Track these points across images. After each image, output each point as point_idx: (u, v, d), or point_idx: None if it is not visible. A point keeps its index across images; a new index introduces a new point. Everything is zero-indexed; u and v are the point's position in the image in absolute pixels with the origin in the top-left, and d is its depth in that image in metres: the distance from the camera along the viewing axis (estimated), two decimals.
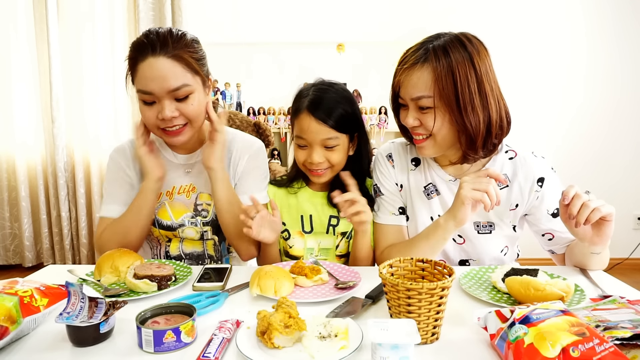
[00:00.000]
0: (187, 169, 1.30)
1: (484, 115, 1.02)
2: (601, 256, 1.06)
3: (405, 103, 1.08)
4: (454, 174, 1.17)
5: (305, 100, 1.19)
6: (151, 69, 1.10)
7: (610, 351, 0.60)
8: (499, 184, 1.10)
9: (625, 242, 3.41)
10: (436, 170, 1.19)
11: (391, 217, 1.21)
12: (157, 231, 1.29)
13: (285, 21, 3.39)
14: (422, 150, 1.10)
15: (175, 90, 1.11)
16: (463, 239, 1.18)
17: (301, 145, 1.21)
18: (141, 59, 1.11)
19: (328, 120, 1.16)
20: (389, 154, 1.25)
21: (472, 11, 3.30)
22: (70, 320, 0.73)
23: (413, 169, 1.22)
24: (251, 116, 3.35)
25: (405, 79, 1.05)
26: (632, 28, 3.27)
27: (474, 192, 0.96)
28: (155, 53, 1.10)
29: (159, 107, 1.13)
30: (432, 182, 1.19)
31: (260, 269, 0.99)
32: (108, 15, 3.15)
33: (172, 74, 1.11)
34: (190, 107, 1.15)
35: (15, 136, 3.18)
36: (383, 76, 3.45)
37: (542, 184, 1.12)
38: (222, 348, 0.72)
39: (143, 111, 1.16)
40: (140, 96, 1.15)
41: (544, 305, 0.72)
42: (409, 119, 1.07)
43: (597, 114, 3.35)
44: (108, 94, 3.22)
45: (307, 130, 1.17)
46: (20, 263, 3.34)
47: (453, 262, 1.21)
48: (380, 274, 0.79)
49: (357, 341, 0.72)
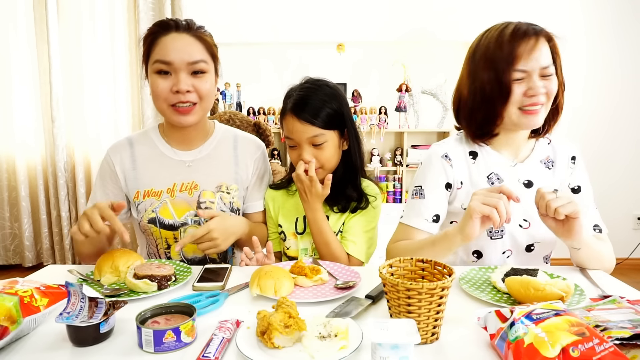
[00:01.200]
0: (189, 165, 1.29)
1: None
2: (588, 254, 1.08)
3: (521, 77, 1.10)
4: (513, 158, 1.22)
5: (290, 101, 1.21)
6: (173, 41, 1.16)
7: (610, 351, 0.60)
8: (547, 163, 1.22)
9: (625, 242, 3.41)
10: (496, 158, 1.21)
11: (422, 222, 1.17)
12: (158, 231, 1.27)
13: (286, 21, 3.39)
14: (537, 117, 1.12)
15: (194, 63, 1.16)
16: (529, 222, 1.18)
17: (291, 145, 1.24)
18: (164, 34, 1.16)
19: (312, 120, 1.17)
20: (445, 154, 1.20)
21: (472, 11, 3.31)
22: (70, 320, 0.73)
23: (472, 162, 1.21)
24: (251, 116, 3.35)
25: (535, 51, 1.10)
26: (632, 28, 3.27)
27: (483, 207, 0.94)
28: (179, 30, 1.18)
29: (174, 79, 1.16)
30: (493, 171, 1.20)
31: (260, 269, 0.99)
32: (108, 15, 3.16)
33: (193, 48, 1.17)
34: (204, 85, 1.19)
35: (15, 136, 3.18)
36: (383, 76, 3.45)
37: (574, 162, 1.24)
38: (222, 348, 0.72)
39: (156, 83, 1.16)
40: (156, 66, 1.16)
41: (544, 305, 0.72)
42: (539, 87, 1.10)
43: (596, 114, 3.36)
44: (108, 94, 3.22)
45: (292, 131, 1.20)
46: (20, 263, 3.34)
47: (520, 247, 1.19)
48: (380, 274, 0.79)
49: (357, 341, 0.72)
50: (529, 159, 1.22)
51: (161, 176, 1.27)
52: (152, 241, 1.31)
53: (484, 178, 1.19)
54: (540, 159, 1.22)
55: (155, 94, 1.18)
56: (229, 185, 1.31)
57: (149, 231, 1.28)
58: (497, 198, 0.93)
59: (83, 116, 3.22)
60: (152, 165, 1.28)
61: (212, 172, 1.30)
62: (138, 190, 1.27)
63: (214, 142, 1.33)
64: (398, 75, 3.34)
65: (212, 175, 1.30)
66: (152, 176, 1.27)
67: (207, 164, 1.31)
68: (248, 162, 1.35)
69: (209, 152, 1.32)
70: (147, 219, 1.26)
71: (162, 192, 1.27)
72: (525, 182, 1.19)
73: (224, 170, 1.32)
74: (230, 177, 1.32)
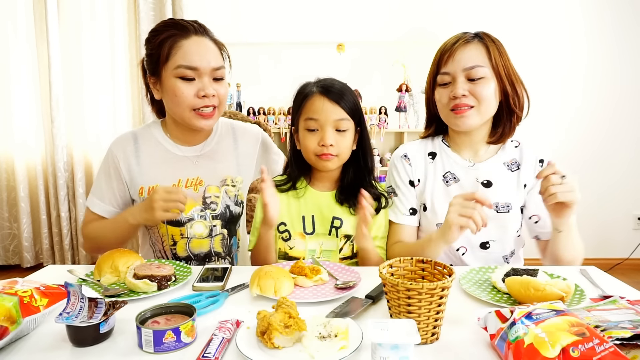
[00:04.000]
0: (193, 161, 1.30)
1: (522, 90, 1.18)
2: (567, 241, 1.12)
3: (447, 80, 1.17)
4: (471, 159, 1.25)
5: (315, 86, 1.22)
6: (198, 46, 1.16)
7: (610, 351, 0.60)
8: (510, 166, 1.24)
9: (625, 242, 3.41)
10: (454, 158, 1.26)
11: (402, 217, 1.26)
12: (164, 227, 1.27)
13: (286, 21, 3.39)
14: (465, 120, 1.16)
15: (217, 69, 1.19)
16: None
17: (312, 128, 1.20)
18: (184, 37, 1.16)
19: (340, 102, 1.18)
20: (404, 154, 1.30)
21: (471, 11, 3.31)
22: (70, 320, 0.73)
23: (431, 162, 1.29)
24: (251, 116, 3.35)
25: (458, 53, 1.15)
26: (632, 28, 3.27)
27: (459, 219, 1.00)
28: (198, 34, 1.18)
29: (198, 84, 1.17)
30: (449, 171, 1.25)
31: (260, 269, 0.99)
32: (108, 15, 3.15)
33: (215, 54, 1.20)
34: (223, 90, 1.22)
35: (14, 136, 3.18)
36: (383, 76, 3.45)
37: (542, 164, 1.24)
38: (222, 348, 0.72)
39: (180, 89, 1.16)
40: (180, 72, 1.15)
41: (544, 305, 0.72)
42: (458, 90, 1.14)
43: (596, 114, 3.36)
44: (108, 94, 3.22)
45: (320, 110, 1.18)
46: (19, 264, 3.34)
47: (474, 245, 1.23)
48: (380, 274, 0.79)
49: (357, 341, 0.72)
50: (491, 160, 1.24)
51: (166, 172, 1.27)
52: (157, 238, 1.30)
53: (440, 177, 1.26)
54: (504, 161, 1.24)
55: (179, 98, 1.17)
56: (234, 178, 1.33)
57: (155, 228, 1.28)
58: (472, 208, 1.00)
59: (83, 116, 3.22)
60: (156, 161, 1.28)
61: (216, 166, 1.31)
62: (142, 186, 1.26)
63: (215, 137, 1.35)
64: (398, 75, 3.34)
65: (216, 170, 1.31)
66: (156, 172, 1.27)
67: (210, 159, 1.32)
68: (250, 151, 1.38)
69: (212, 147, 1.33)
70: None
71: None
72: (484, 182, 1.23)
73: (227, 163, 1.33)
74: (233, 169, 1.34)
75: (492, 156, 1.25)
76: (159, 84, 1.21)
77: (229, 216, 1.32)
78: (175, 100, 1.17)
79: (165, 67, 1.17)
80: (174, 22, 1.20)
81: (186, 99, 1.16)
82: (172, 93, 1.17)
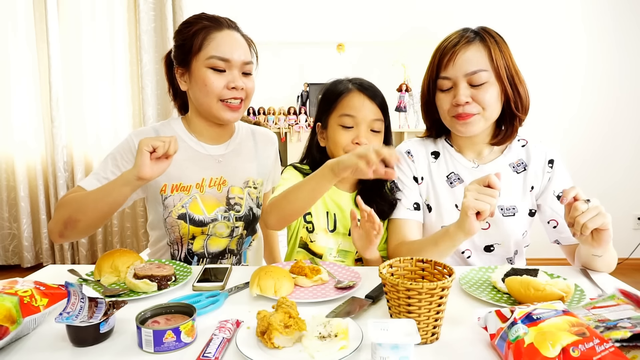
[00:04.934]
0: (217, 160, 1.28)
1: (525, 92, 1.14)
2: (606, 259, 1.06)
3: (449, 86, 1.13)
4: (475, 160, 1.22)
5: (349, 83, 1.22)
6: (231, 38, 1.19)
7: (611, 351, 0.60)
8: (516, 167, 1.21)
9: (625, 242, 3.41)
10: (458, 159, 1.23)
11: (405, 212, 1.22)
12: (186, 227, 1.23)
13: (286, 21, 3.39)
14: (470, 126, 1.12)
15: (246, 64, 1.21)
16: (488, 224, 1.19)
17: (347, 125, 1.18)
18: (218, 29, 1.19)
19: (377, 101, 1.19)
20: (407, 150, 1.27)
21: (471, 11, 3.31)
22: (70, 320, 0.73)
23: (434, 161, 1.26)
24: (251, 116, 3.35)
25: (459, 56, 1.10)
26: (632, 28, 3.27)
27: (477, 203, 0.94)
28: (230, 28, 1.22)
29: (229, 76, 1.18)
30: (453, 171, 1.22)
31: (260, 268, 0.99)
32: (108, 15, 3.16)
33: (245, 49, 1.22)
34: (251, 84, 1.24)
35: (14, 136, 3.18)
36: (383, 76, 3.45)
37: (552, 165, 1.20)
38: (222, 348, 0.72)
39: (210, 79, 1.17)
40: (212, 62, 1.16)
41: (544, 305, 0.72)
42: (461, 96, 1.09)
43: (596, 113, 3.36)
44: (108, 94, 3.22)
45: (360, 108, 1.17)
46: (19, 264, 3.34)
47: (479, 247, 1.21)
48: (380, 274, 0.79)
49: (357, 341, 0.72)
50: (495, 162, 1.21)
51: (190, 170, 1.25)
52: (176, 237, 1.26)
53: (444, 177, 1.23)
54: (510, 162, 1.21)
55: (208, 88, 1.17)
56: (255, 180, 1.33)
57: (177, 227, 1.24)
58: (490, 195, 0.94)
59: (83, 116, 3.22)
60: (180, 158, 1.22)
61: (239, 167, 1.31)
62: (165, 183, 1.23)
63: (237, 137, 1.35)
64: (398, 75, 3.34)
65: (239, 170, 1.30)
66: (180, 170, 1.23)
67: (234, 159, 1.31)
68: (269, 153, 1.40)
69: (234, 147, 1.33)
70: (176, 214, 1.23)
71: (191, 187, 1.24)
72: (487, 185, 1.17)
73: (250, 165, 1.33)
74: (255, 171, 1.34)
75: (497, 157, 1.22)
76: (187, 75, 1.21)
77: (251, 218, 1.32)
78: (205, 89, 1.18)
79: (196, 57, 1.18)
80: (207, 16, 1.22)
81: (216, 89, 1.17)
82: (202, 83, 1.17)
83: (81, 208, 1.10)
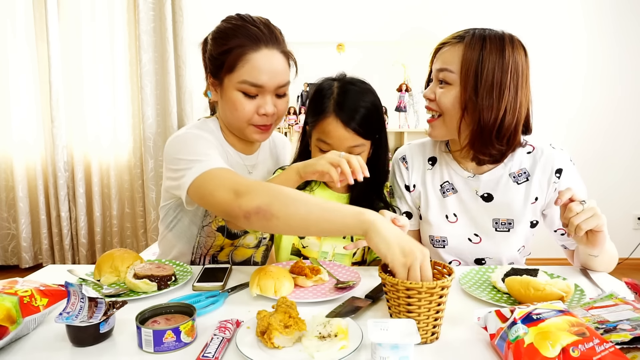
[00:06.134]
0: (249, 170, 1.25)
1: (497, 110, 1.02)
2: (603, 259, 1.06)
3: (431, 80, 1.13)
4: (472, 169, 1.17)
5: (332, 102, 1.13)
6: (265, 61, 1.07)
7: (611, 351, 0.60)
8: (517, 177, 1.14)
9: (625, 242, 3.41)
10: (454, 168, 1.19)
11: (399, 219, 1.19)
12: (222, 240, 1.21)
13: (285, 21, 3.37)
14: (432, 130, 1.13)
15: (282, 86, 1.11)
16: (480, 238, 1.17)
17: (324, 149, 1.13)
18: (254, 49, 1.06)
19: (359, 129, 1.10)
20: (403, 157, 1.26)
21: (471, 11, 3.30)
22: (70, 320, 0.73)
23: (430, 168, 1.22)
24: None
25: (440, 53, 1.10)
26: (632, 28, 3.27)
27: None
28: (268, 45, 1.08)
29: (260, 101, 1.09)
30: (448, 180, 1.19)
31: (260, 268, 0.99)
32: (108, 15, 3.15)
33: (283, 70, 1.10)
34: (283, 106, 1.14)
35: (13, 136, 3.17)
36: (383, 76, 3.44)
37: (560, 175, 1.12)
38: (222, 348, 0.72)
39: (242, 103, 1.08)
40: (244, 87, 1.07)
41: (544, 305, 0.72)
42: (427, 90, 1.10)
43: (596, 113, 3.36)
44: (108, 94, 3.22)
45: (333, 136, 1.12)
46: (17, 264, 3.33)
47: (468, 262, 1.20)
48: (380, 273, 0.79)
49: (357, 341, 0.72)
50: (492, 172, 1.15)
51: None
52: (206, 246, 1.24)
53: (437, 187, 1.20)
54: (511, 171, 1.14)
55: (238, 113, 1.10)
56: None
57: (212, 238, 1.21)
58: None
59: (83, 116, 3.22)
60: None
61: (267, 177, 1.27)
62: None
63: (263, 148, 1.32)
64: (398, 75, 3.34)
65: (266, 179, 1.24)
66: None
67: (262, 170, 1.28)
68: (286, 157, 1.38)
69: (262, 157, 1.30)
70: (216, 226, 1.21)
71: None
72: (484, 195, 1.15)
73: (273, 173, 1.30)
74: None
75: (496, 166, 1.14)
76: (219, 88, 1.13)
77: None
78: (235, 113, 1.10)
79: (228, 77, 1.08)
80: (245, 27, 1.08)
81: (246, 115, 1.09)
82: (232, 105, 1.10)
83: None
